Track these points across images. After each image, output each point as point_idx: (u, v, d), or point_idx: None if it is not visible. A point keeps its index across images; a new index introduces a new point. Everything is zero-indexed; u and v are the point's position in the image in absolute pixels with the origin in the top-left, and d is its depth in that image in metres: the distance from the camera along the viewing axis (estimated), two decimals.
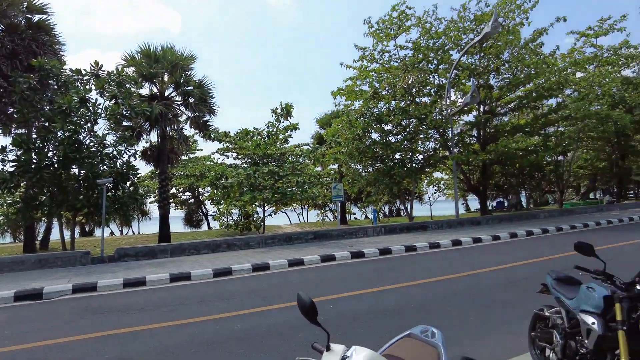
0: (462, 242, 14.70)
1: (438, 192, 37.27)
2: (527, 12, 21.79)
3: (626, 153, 33.46)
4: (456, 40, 22.76)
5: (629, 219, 20.71)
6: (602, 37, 24.34)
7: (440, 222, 20.79)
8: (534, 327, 4.02)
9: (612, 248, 11.58)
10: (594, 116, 25.18)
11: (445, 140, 22.62)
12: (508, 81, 22.91)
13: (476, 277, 8.55)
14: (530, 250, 12.35)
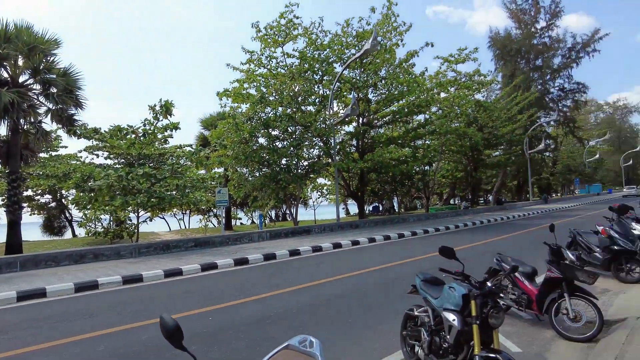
0: (342, 245, 15.45)
1: (321, 197, 38.92)
2: (402, 34, 24.10)
3: (478, 165, 38.99)
4: (340, 54, 24.08)
5: (480, 222, 24.09)
6: (460, 64, 28.09)
7: (323, 226, 21.59)
8: (405, 326, 4.37)
9: (469, 247, 13.33)
10: (454, 132, 28.89)
11: (329, 148, 23.65)
12: (384, 96, 24.96)
13: (356, 278, 9.05)
14: (403, 251, 13.53)
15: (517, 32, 52.20)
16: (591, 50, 52.53)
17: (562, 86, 54.16)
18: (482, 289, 3.28)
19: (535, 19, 52.16)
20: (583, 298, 4.80)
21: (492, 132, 36.64)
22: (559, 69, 53.11)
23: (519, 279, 5.38)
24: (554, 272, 4.96)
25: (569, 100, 55.40)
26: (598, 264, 7.93)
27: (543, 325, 5.20)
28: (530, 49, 51.04)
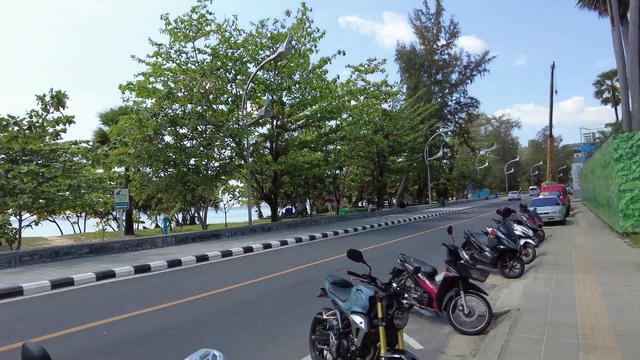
0: (254, 249, 15.17)
1: (233, 199, 37.89)
2: (315, 40, 24.51)
3: (383, 170, 41.22)
4: (254, 54, 23.76)
5: (385, 224, 25.37)
6: (370, 74, 29.40)
7: (233, 230, 21.03)
8: (314, 330, 4.34)
9: (377, 247, 13.91)
10: (363, 139, 30.12)
11: (241, 149, 23.14)
12: (298, 100, 25.16)
13: (266, 283, 8.89)
14: (314, 253, 13.66)
15: (421, 48, 56.40)
16: (482, 70, 58.79)
17: (459, 100, 59.78)
18: (388, 291, 3.37)
19: (437, 37, 56.84)
20: (476, 294, 5.23)
21: (396, 139, 39.09)
22: (456, 84, 58.47)
23: (421, 279, 5.69)
24: (451, 271, 5.33)
25: (464, 113, 61.31)
26: (487, 262, 8.74)
27: (442, 322, 5.56)
28: (432, 64, 55.46)
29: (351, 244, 15.60)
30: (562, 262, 8.69)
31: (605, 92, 56.37)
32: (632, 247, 9.99)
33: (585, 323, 4.64)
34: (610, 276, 6.99)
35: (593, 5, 24.46)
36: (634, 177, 11.94)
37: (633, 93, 16.45)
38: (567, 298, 5.75)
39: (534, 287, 6.54)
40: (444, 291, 5.37)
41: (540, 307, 5.40)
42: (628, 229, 11.91)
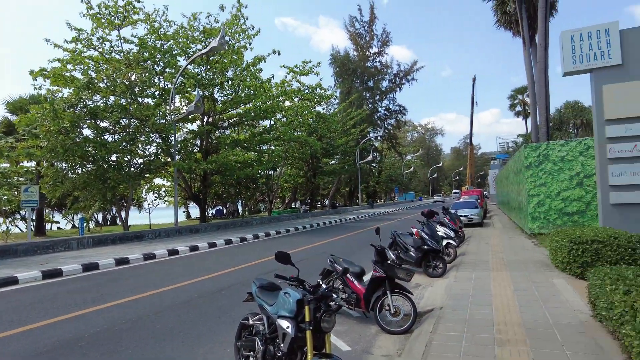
0: (180, 251, 14.45)
1: (159, 199, 35.89)
2: (250, 37, 24.06)
3: (317, 172, 41.61)
4: (185, 47, 22.77)
5: (317, 225, 25.55)
6: (304, 76, 29.51)
7: (158, 231, 19.91)
8: (240, 336, 4.14)
9: (309, 248, 13.88)
10: (297, 140, 30.14)
11: (168, 146, 22.00)
12: (231, 97, 24.50)
13: (191, 287, 8.45)
14: (244, 255, 13.31)
15: (354, 54, 57.85)
16: (410, 79, 61.76)
17: (388, 107, 62.22)
18: (316, 293, 3.29)
19: (369, 44, 58.66)
20: (402, 294, 5.36)
21: (329, 142, 39.69)
22: (386, 91, 60.80)
23: (350, 279, 5.72)
24: (378, 271, 5.42)
25: (393, 120, 63.94)
26: (413, 261, 9.08)
27: (370, 322, 5.63)
28: (365, 70, 57.14)
29: (283, 245, 15.45)
30: (480, 261, 9.28)
31: (518, 106, 61.81)
32: (538, 247, 10.96)
33: (499, 319, 4.94)
34: (520, 273, 7.57)
35: (508, 26, 26.67)
36: (540, 184, 13.14)
37: (540, 108, 18.19)
38: (485, 295, 6.11)
39: (456, 286, 6.88)
40: (372, 291, 5.44)
41: (461, 305, 5.67)
42: (535, 230, 13.08)
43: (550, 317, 4.93)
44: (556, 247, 7.76)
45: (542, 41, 17.26)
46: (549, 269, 7.82)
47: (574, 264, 6.98)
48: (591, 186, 12.33)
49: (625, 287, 3.64)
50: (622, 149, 8.41)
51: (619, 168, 8.40)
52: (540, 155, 13.24)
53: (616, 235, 6.87)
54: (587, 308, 5.15)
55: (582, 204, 12.41)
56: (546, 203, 12.97)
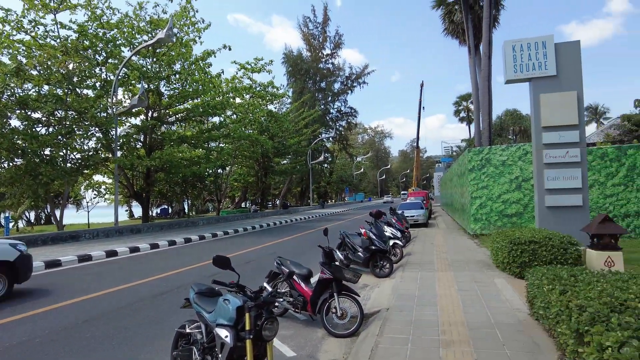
0: (119, 253, 13.63)
1: (98, 197, 33.80)
2: (200, 31, 23.25)
3: (268, 172, 41.08)
4: (130, 37, 21.58)
5: (267, 225, 25.19)
6: (256, 73, 29.00)
7: (96, 231, 18.70)
8: (176, 346, 3.86)
9: (258, 249, 13.55)
10: (248, 138, 29.55)
11: (109, 141, 20.74)
12: (178, 92, 23.54)
13: (128, 291, 7.92)
14: (187, 257, 12.75)
15: (307, 55, 57.87)
16: (362, 82, 62.77)
17: (340, 109, 62.86)
18: (257, 300, 3.10)
19: (322, 46, 58.94)
20: (349, 296, 5.27)
21: (281, 141, 39.33)
22: (338, 93, 61.35)
23: (296, 282, 5.56)
24: (326, 273, 5.30)
25: (344, 121, 64.70)
26: (360, 262, 9.10)
27: (316, 325, 5.50)
28: (317, 71, 57.33)
29: (230, 247, 15.01)
30: (426, 261, 9.48)
31: (462, 112, 64.87)
32: (480, 247, 11.40)
33: (444, 319, 5.00)
34: (464, 273, 7.78)
35: (455, 35, 27.82)
36: (482, 186, 13.73)
37: (483, 114, 19.09)
38: (430, 296, 6.18)
39: (402, 286, 6.93)
40: (319, 294, 5.31)
41: (407, 306, 5.69)
42: (477, 230, 13.64)
43: (491, 316, 5.06)
44: (497, 247, 8.06)
45: (486, 50, 18.12)
46: (490, 269, 8.11)
47: (513, 264, 7.28)
48: (528, 189, 13.05)
49: (560, 287, 3.77)
50: (556, 155, 8.91)
51: (554, 173, 8.90)
52: (483, 159, 13.82)
53: (550, 236, 7.23)
54: (526, 307, 5.34)
55: (520, 206, 13.10)
56: (488, 205, 13.57)
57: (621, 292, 3.33)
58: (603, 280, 3.80)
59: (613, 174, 12.30)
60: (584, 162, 8.87)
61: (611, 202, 12.24)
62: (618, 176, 12.25)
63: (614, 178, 12.29)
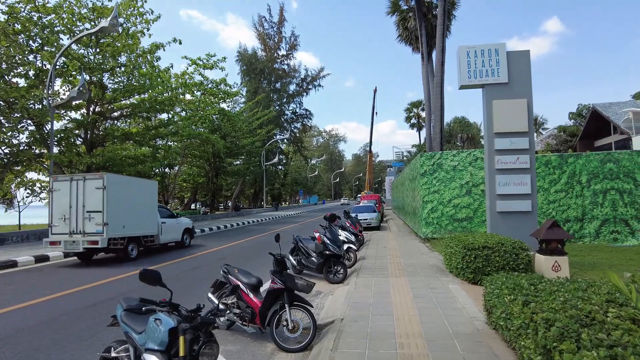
0: (51, 258, 12.48)
1: (32, 196, 31.10)
2: (148, 23, 21.98)
3: (219, 172, 39.78)
4: (70, 24, 19.95)
5: (217, 228, 24.27)
6: (208, 69, 27.90)
7: (25, 234, 17.34)
8: None
9: (203, 255, 12.81)
10: (198, 136, 28.38)
11: (43, 136, 19.04)
12: (123, 86, 22.11)
13: (55, 302, 7.07)
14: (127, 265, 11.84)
15: (262, 54, 57.02)
16: (317, 85, 62.86)
17: (295, 110, 62.58)
18: (194, 321, 2.65)
19: (278, 46, 58.38)
20: (301, 307, 4.90)
21: (234, 141, 38.24)
22: (293, 94, 60.99)
23: (244, 292, 5.11)
24: (277, 282, 4.89)
25: (299, 124, 64.44)
26: (314, 267, 8.76)
27: (265, 339, 5.08)
28: (272, 71, 56.64)
29: (174, 251, 14.15)
30: (379, 266, 9.30)
31: (413, 118, 66.56)
32: (432, 251, 11.44)
33: (401, 330, 4.74)
34: (418, 279, 7.65)
35: (409, 42, 28.32)
36: (434, 191, 13.87)
37: (435, 119, 19.48)
38: (385, 304, 5.94)
39: (356, 294, 6.65)
40: (269, 305, 4.89)
41: (362, 316, 5.40)
42: (429, 234, 13.75)
43: (449, 326, 4.87)
44: (450, 252, 8.02)
45: (439, 57, 18.50)
46: (443, 274, 8.04)
47: (467, 269, 7.23)
48: (478, 194, 13.33)
49: (523, 297, 3.62)
50: (508, 161, 9.06)
51: (505, 178, 9.03)
52: (435, 164, 13.97)
53: (502, 241, 7.26)
54: (482, 315, 5.22)
55: (470, 211, 13.33)
56: (439, 209, 13.72)
57: (584, 302, 3.20)
58: (563, 289, 3.69)
59: (556, 180, 12.83)
60: (533, 168, 9.07)
61: (554, 207, 12.75)
62: (560, 183, 12.79)
63: (556, 185, 12.82)
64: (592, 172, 12.61)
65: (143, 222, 13.33)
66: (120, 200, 12.20)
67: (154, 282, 2.83)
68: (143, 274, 2.84)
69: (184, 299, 6.20)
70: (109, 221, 11.60)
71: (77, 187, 11.91)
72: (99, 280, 9.00)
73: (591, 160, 12.69)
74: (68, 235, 11.62)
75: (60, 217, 11.80)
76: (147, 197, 14.06)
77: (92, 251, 11.94)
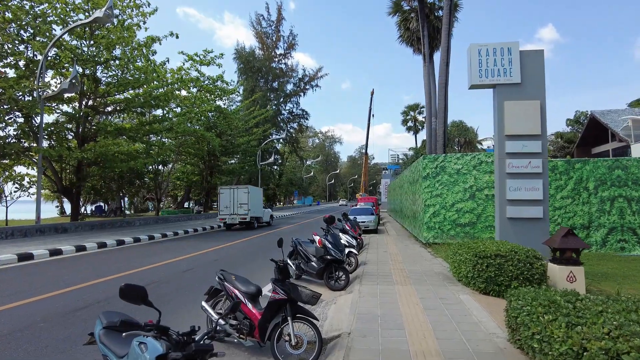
0: (35, 256, 11.87)
1: (20, 190, 30.33)
2: (145, 15, 21.46)
3: (214, 171, 39.14)
4: (63, 14, 19.37)
5: (211, 227, 23.70)
6: (205, 66, 27.41)
7: (11, 230, 16.51)
8: None
9: (196, 256, 12.27)
10: (193, 134, 27.79)
11: (33, 129, 18.41)
12: (117, 79, 21.52)
13: (35, 306, 6.53)
14: (119, 262, 11.29)
15: (260, 53, 56.43)
16: (314, 85, 62.37)
17: (291, 110, 61.99)
18: (187, 348, 2.17)
19: (276, 45, 57.81)
20: (305, 320, 4.42)
21: (230, 140, 37.61)
22: (290, 94, 60.42)
23: (242, 302, 4.63)
24: (279, 292, 4.41)
25: (296, 124, 63.86)
26: (314, 272, 8.28)
27: (265, 354, 4.59)
28: (270, 70, 56.07)
29: (167, 251, 13.61)
30: (382, 272, 8.84)
31: (410, 122, 66.23)
32: (435, 257, 11.00)
33: (416, 348, 4.28)
34: (425, 288, 7.20)
35: (410, 43, 27.95)
36: (436, 194, 13.44)
37: (439, 120, 19.07)
38: (394, 316, 5.48)
39: (362, 303, 6.18)
40: (269, 317, 4.41)
41: (371, 330, 4.93)
42: (430, 239, 13.31)
43: (467, 343, 4.42)
44: (459, 260, 7.57)
45: (444, 56, 18.11)
46: (452, 283, 7.59)
47: (478, 278, 6.78)
48: (482, 199, 12.92)
49: (564, 318, 3.17)
50: (519, 165, 8.65)
51: (516, 183, 8.62)
52: (438, 166, 13.55)
53: (515, 249, 6.83)
54: (501, 331, 4.78)
55: (473, 216, 12.92)
56: (441, 213, 13.29)
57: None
58: (609, 309, 3.24)
59: (562, 186, 12.45)
60: (546, 173, 8.67)
61: (560, 214, 12.37)
62: (567, 189, 12.41)
63: (562, 191, 12.44)
64: (600, 178, 12.26)
65: (258, 210, 24.69)
66: (251, 198, 23.14)
67: (138, 301, 2.33)
68: (124, 291, 2.32)
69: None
70: (249, 208, 22.76)
71: (233, 191, 23.27)
72: (85, 282, 8.45)
73: (599, 166, 12.32)
74: (229, 215, 22.93)
75: (225, 207, 23.08)
76: (259, 196, 25.90)
77: (238, 224, 23.27)
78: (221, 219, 23.04)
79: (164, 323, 2.30)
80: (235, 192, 23.06)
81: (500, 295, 6.61)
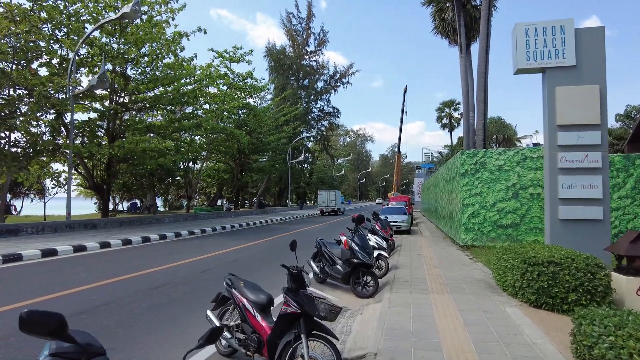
0: (59, 252, 11.74)
1: (57, 187, 31.26)
2: (173, 12, 21.33)
3: (244, 168, 39.10)
4: (95, 12, 19.48)
5: (239, 225, 23.40)
6: (235, 63, 27.11)
7: (41, 225, 16.65)
8: None
9: (218, 255, 11.81)
10: (223, 131, 27.61)
11: (63, 125, 18.60)
12: (146, 77, 21.52)
13: (48, 305, 6.15)
14: (141, 260, 10.96)
15: (290, 50, 56.17)
16: (345, 82, 61.48)
17: (322, 108, 61.40)
18: None
19: (306, 42, 57.38)
20: (322, 339, 3.69)
21: (260, 138, 37.39)
22: (321, 92, 59.85)
23: (250, 313, 3.97)
24: (291, 305, 3.69)
25: (326, 121, 63.27)
26: (339, 276, 7.55)
27: None
28: (300, 68, 55.70)
29: (191, 249, 13.24)
30: (415, 278, 7.99)
31: (445, 118, 64.17)
32: (474, 262, 10.01)
33: None
34: (465, 297, 6.32)
35: (445, 34, 26.68)
36: (476, 193, 12.37)
37: (478, 113, 17.84)
38: (430, 332, 4.67)
39: (391, 315, 5.39)
40: (279, 333, 3.70)
41: (402, 350, 4.15)
42: (468, 242, 12.26)
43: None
44: (505, 267, 6.63)
45: (483, 44, 16.90)
46: (495, 292, 6.66)
47: (528, 289, 5.84)
48: (526, 198, 11.76)
49: None
50: (574, 159, 7.59)
51: (570, 179, 7.57)
52: (477, 162, 12.47)
53: (572, 256, 5.84)
54: (562, 356, 3.89)
55: (516, 217, 11.77)
56: (481, 214, 12.21)
57: None
58: None
59: (620, 185, 11.13)
60: (606, 168, 7.56)
61: (617, 216, 11.06)
62: (625, 188, 11.08)
63: (620, 190, 11.12)
64: None
65: (339, 204, 42.63)
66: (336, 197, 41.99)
67: (45, 334, 1.66)
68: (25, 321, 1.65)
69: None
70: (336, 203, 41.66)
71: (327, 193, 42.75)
72: (97, 281, 8.08)
73: None
74: (325, 206, 41.15)
75: (323, 201, 41.52)
76: (339, 196, 44.28)
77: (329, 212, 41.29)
78: (320, 208, 41.34)
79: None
80: (328, 193, 42.25)
81: (554, 310, 5.66)
